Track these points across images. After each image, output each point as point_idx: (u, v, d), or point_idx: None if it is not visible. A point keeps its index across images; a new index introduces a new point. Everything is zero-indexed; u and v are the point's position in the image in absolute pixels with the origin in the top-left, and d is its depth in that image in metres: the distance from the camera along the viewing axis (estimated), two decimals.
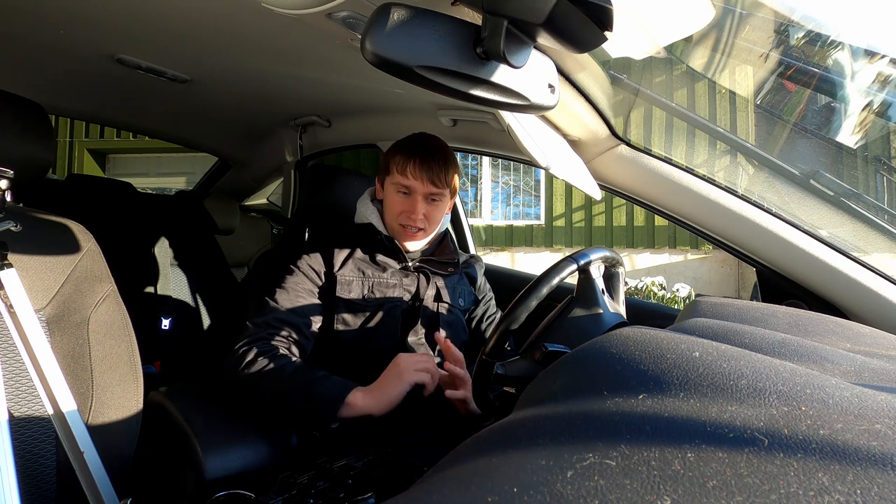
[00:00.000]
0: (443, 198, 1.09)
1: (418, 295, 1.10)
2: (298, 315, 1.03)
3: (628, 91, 1.08)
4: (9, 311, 0.75)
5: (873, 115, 1.14)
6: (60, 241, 0.86)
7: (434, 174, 1.05)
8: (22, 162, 0.78)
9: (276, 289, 1.04)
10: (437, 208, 1.10)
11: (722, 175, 1.06)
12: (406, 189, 1.06)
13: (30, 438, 0.75)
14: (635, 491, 0.25)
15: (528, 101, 0.57)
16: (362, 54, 0.48)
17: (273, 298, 1.03)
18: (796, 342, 0.43)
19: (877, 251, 1.00)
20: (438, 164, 1.05)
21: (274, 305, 1.02)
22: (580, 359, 0.41)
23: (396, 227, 1.09)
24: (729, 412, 0.30)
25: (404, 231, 1.08)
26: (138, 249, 1.79)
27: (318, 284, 1.07)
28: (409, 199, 1.07)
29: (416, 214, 1.06)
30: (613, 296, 0.88)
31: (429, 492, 0.30)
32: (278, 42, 1.02)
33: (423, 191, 1.06)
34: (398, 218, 1.08)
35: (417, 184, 1.05)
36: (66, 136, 6.74)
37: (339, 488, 0.68)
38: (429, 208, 1.08)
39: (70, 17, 0.99)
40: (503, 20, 0.48)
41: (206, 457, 0.87)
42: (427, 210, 1.08)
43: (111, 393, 0.83)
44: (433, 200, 1.08)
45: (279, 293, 1.03)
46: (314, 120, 1.62)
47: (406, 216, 1.07)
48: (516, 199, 6.71)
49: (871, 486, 0.23)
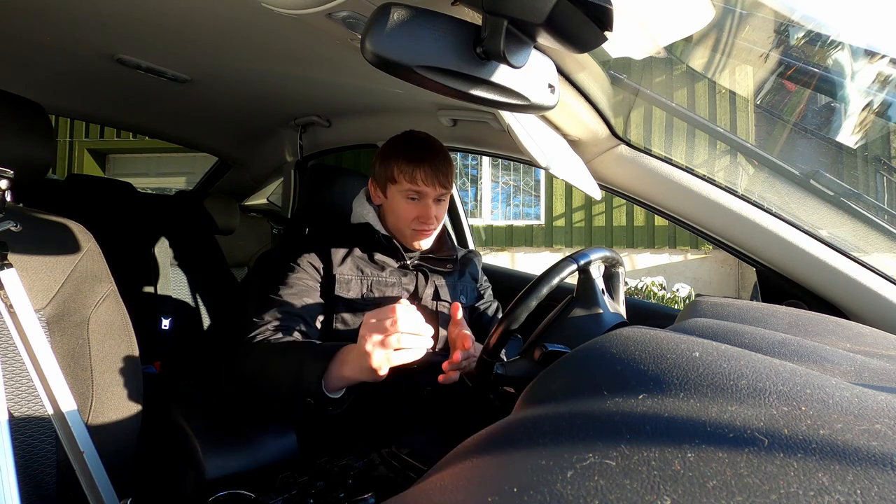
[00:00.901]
0: (447, 196, 1.11)
1: (417, 293, 1.11)
2: (300, 313, 1.02)
3: (628, 91, 1.08)
4: (9, 311, 0.75)
5: (873, 115, 1.14)
6: (60, 241, 0.86)
7: (443, 176, 1.06)
8: (22, 162, 0.78)
9: (279, 286, 1.04)
10: (443, 207, 1.12)
11: (722, 175, 1.06)
12: (417, 194, 1.07)
13: (30, 438, 0.75)
14: (635, 491, 0.25)
15: (528, 101, 0.57)
16: (362, 54, 0.48)
17: (278, 295, 1.02)
18: (796, 342, 0.43)
19: (877, 251, 1.00)
20: (443, 166, 1.07)
21: (277, 304, 1.02)
22: (580, 359, 0.41)
23: (409, 232, 1.09)
24: (729, 412, 0.30)
25: (417, 234, 1.09)
26: (138, 249, 1.78)
27: (319, 282, 1.07)
28: (420, 205, 1.07)
29: (431, 218, 1.07)
30: (613, 296, 0.88)
31: (429, 492, 0.30)
32: (278, 42, 1.02)
33: (434, 195, 1.07)
34: (412, 224, 1.08)
35: (430, 189, 1.06)
36: (66, 136, 6.75)
37: (339, 488, 0.68)
38: (437, 208, 1.09)
39: (70, 17, 0.99)
40: (503, 20, 0.48)
41: (206, 457, 0.87)
42: (437, 211, 1.09)
43: (111, 393, 0.83)
44: (441, 200, 1.10)
45: (283, 290, 1.03)
46: (314, 120, 1.62)
47: (419, 221, 1.07)
48: (516, 199, 6.71)
49: (871, 486, 0.23)
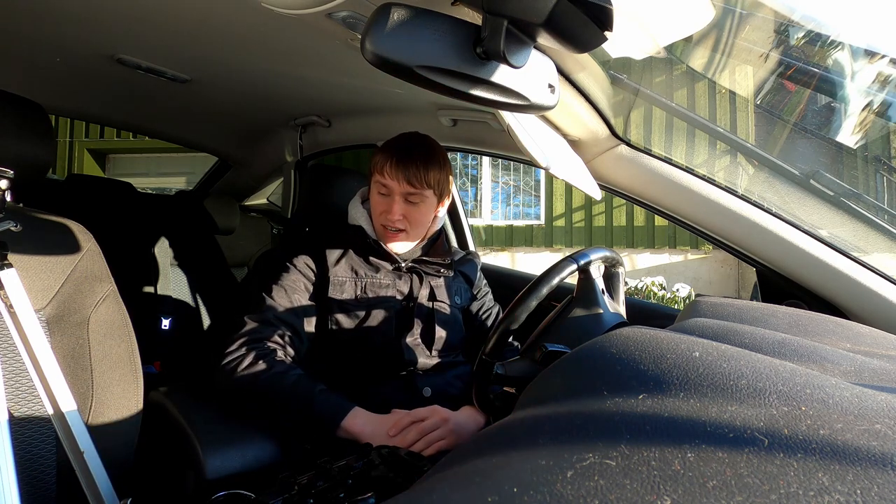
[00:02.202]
0: (423, 199, 1.06)
1: (412, 295, 1.10)
2: (295, 314, 1.02)
3: (628, 91, 1.08)
4: (9, 311, 0.75)
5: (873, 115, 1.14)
6: (60, 241, 0.86)
7: (411, 174, 1.02)
8: (22, 162, 0.78)
9: (272, 286, 1.04)
10: (418, 209, 1.07)
11: (722, 175, 1.06)
12: (385, 189, 1.05)
13: (30, 438, 0.75)
14: (635, 491, 0.25)
15: (528, 101, 0.57)
16: (362, 54, 0.48)
17: (270, 296, 1.02)
18: (796, 342, 0.43)
19: (877, 251, 1.00)
20: (416, 164, 1.03)
21: (271, 303, 1.01)
22: (580, 359, 0.41)
23: (379, 228, 1.08)
24: (729, 412, 0.30)
25: (385, 232, 1.08)
26: (138, 249, 1.79)
27: (314, 283, 1.07)
28: (387, 200, 1.06)
29: (394, 215, 1.04)
30: (613, 296, 0.88)
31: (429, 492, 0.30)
32: (278, 42, 1.02)
33: (400, 190, 1.04)
34: (379, 218, 1.07)
35: (394, 183, 1.03)
36: (66, 136, 6.74)
37: (339, 488, 0.67)
38: (408, 209, 1.06)
39: (70, 17, 0.99)
40: (503, 20, 0.48)
41: (206, 457, 0.86)
42: (406, 210, 1.05)
43: (111, 393, 0.83)
44: (411, 201, 1.06)
45: (276, 291, 1.03)
46: (314, 120, 1.62)
47: (385, 216, 1.06)
48: (516, 199, 6.71)
49: (871, 486, 0.23)
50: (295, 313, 1.02)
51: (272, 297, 1.02)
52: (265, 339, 0.98)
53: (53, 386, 0.75)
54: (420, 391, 1.03)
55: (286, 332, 1.00)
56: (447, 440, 0.87)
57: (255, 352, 0.95)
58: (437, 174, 1.06)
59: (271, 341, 0.98)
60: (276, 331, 0.99)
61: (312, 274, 1.07)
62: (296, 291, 1.04)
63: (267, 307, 1.01)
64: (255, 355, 0.94)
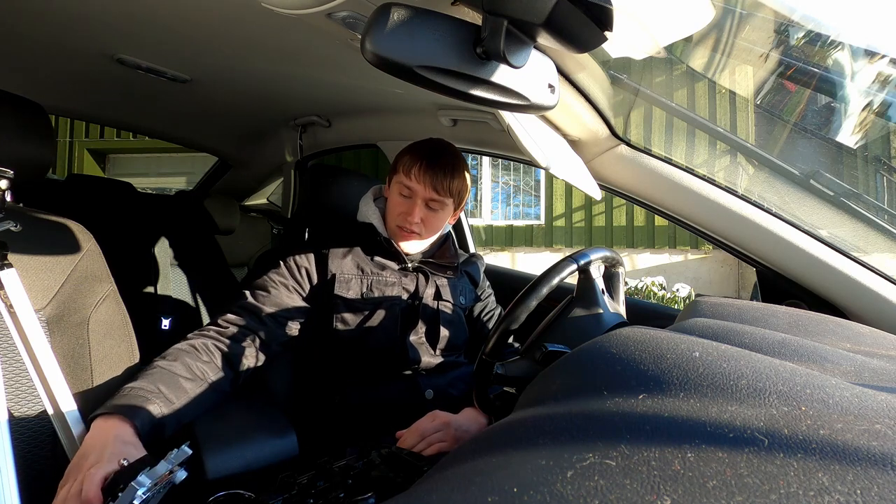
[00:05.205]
0: (444, 206, 1.08)
1: (417, 293, 1.10)
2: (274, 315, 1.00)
3: (628, 91, 1.08)
4: (9, 311, 0.75)
5: (873, 115, 1.14)
6: (60, 241, 0.86)
7: (437, 180, 1.03)
8: (22, 162, 0.78)
9: (258, 282, 1.03)
10: (437, 216, 1.08)
11: (722, 175, 1.06)
12: (408, 191, 1.06)
13: (30, 438, 0.75)
14: (635, 491, 0.25)
15: (528, 101, 0.57)
16: (362, 54, 0.48)
17: (253, 294, 1.01)
18: (796, 342, 0.43)
19: (877, 251, 1.00)
20: (444, 171, 1.04)
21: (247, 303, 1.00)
22: (580, 359, 0.41)
23: (394, 228, 1.08)
24: (729, 412, 0.30)
25: (400, 232, 1.08)
26: (138, 249, 1.78)
27: (313, 283, 1.06)
28: (408, 202, 1.06)
29: (413, 217, 1.05)
30: (613, 296, 0.88)
31: (429, 492, 0.30)
32: (278, 42, 1.02)
33: (424, 195, 1.05)
34: (396, 219, 1.07)
35: (420, 187, 1.04)
36: (66, 136, 6.74)
37: (339, 488, 0.67)
38: (427, 214, 1.07)
39: (70, 17, 0.99)
40: (503, 20, 0.48)
41: (206, 457, 0.86)
42: (425, 215, 1.06)
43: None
44: (432, 207, 1.07)
45: (257, 288, 1.02)
46: (314, 120, 1.62)
47: (403, 218, 1.06)
48: (516, 199, 6.71)
49: (871, 486, 0.23)
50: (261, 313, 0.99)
51: (255, 296, 1.01)
52: (205, 335, 0.94)
53: (53, 386, 0.75)
54: (422, 393, 1.03)
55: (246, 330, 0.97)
56: (448, 442, 0.87)
57: (186, 342, 0.92)
58: (460, 184, 1.08)
59: (213, 338, 0.94)
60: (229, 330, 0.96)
61: (312, 273, 1.06)
62: (280, 290, 1.02)
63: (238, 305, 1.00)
64: (177, 348, 0.91)
